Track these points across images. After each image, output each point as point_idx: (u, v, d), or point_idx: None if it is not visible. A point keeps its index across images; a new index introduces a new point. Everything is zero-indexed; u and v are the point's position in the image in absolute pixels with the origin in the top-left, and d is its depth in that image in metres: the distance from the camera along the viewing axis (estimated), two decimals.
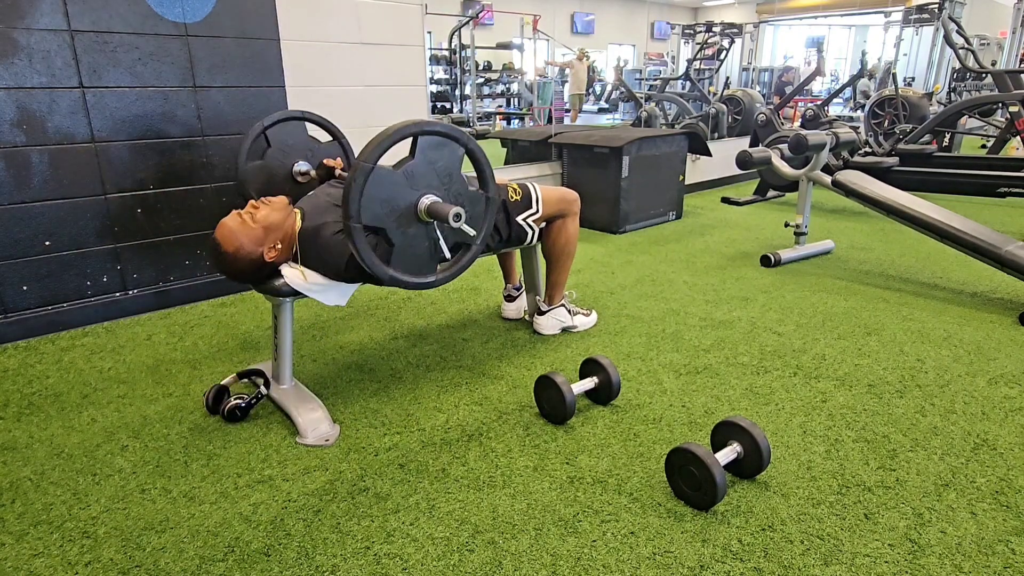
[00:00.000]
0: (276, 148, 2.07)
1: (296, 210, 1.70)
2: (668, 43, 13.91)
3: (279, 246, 1.63)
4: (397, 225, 1.43)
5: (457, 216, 1.39)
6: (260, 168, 2.05)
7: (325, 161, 2.04)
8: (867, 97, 7.31)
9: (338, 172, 2.00)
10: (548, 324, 2.25)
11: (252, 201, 1.66)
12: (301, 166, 2.10)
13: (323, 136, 2.22)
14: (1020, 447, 1.55)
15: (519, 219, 2.00)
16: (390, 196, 1.40)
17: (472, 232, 1.53)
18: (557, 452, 1.54)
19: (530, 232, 2.04)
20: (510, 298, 2.42)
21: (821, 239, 3.42)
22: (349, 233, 1.36)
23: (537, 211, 2.03)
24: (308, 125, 2.17)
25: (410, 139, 1.41)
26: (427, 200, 1.43)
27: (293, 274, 1.64)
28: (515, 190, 2.02)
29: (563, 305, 2.26)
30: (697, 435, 1.61)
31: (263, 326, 2.37)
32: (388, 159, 1.38)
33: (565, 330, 2.28)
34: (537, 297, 2.28)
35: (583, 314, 2.32)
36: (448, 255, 1.54)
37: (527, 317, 2.40)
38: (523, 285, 2.40)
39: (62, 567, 1.19)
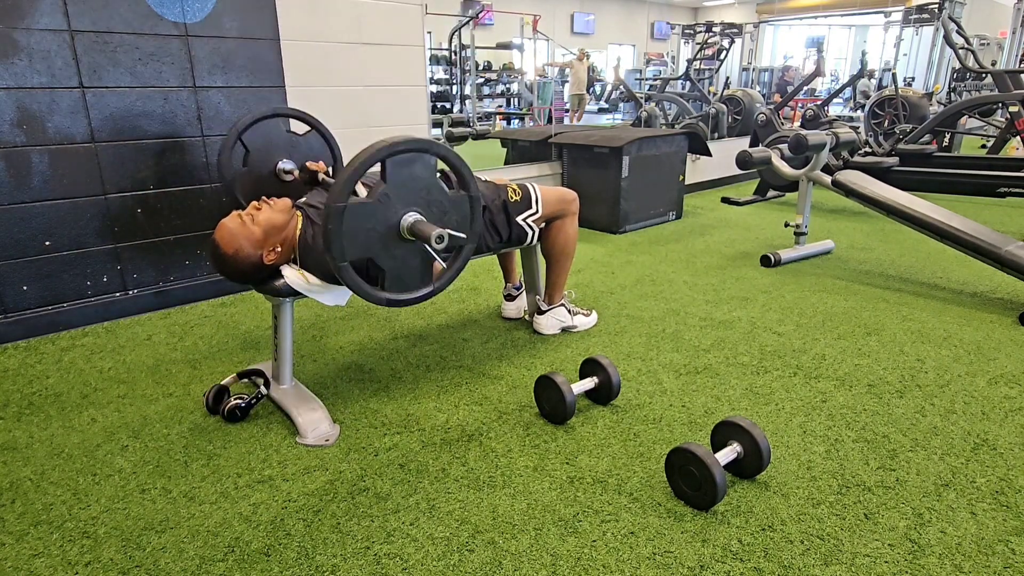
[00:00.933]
0: (256, 150, 2.05)
1: (297, 212, 1.70)
2: (668, 43, 13.91)
3: (279, 249, 1.62)
4: (384, 250, 1.42)
5: (440, 238, 1.37)
6: (246, 174, 2.04)
7: (308, 165, 2.00)
8: (867, 97, 7.31)
9: (321, 177, 1.96)
10: (548, 324, 2.26)
11: (254, 202, 1.65)
12: (285, 164, 2.09)
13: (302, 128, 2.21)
14: (1020, 447, 1.55)
15: (519, 219, 2.00)
16: (370, 226, 1.38)
17: (462, 235, 1.52)
18: (557, 452, 1.54)
19: (530, 232, 2.04)
20: (510, 298, 2.42)
21: (821, 239, 3.42)
22: (338, 272, 1.36)
23: (537, 211, 2.03)
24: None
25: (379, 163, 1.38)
26: (409, 219, 1.41)
27: (294, 275, 1.64)
28: (515, 190, 2.02)
29: (563, 305, 2.26)
30: (697, 435, 1.61)
31: (263, 326, 2.37)
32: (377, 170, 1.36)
33: (565, 330, 2.28)
34: (537, 297, 2.28)
35: (583, 314, 2.32)
36: (442, 263, 1.53)
37: (527, 317, 2.40)
38: (523, 285, 2.40)
39: (62, 567, 1.19)
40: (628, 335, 2.25)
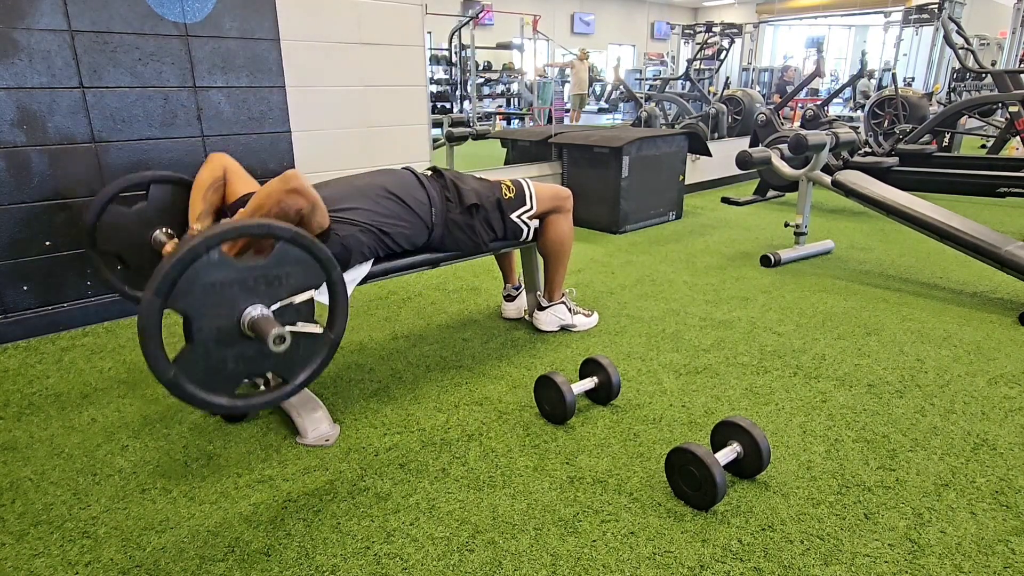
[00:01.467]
0: (138, 211, 1.82)
1: None
2: (668, 43, 13.92)
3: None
4: (207, 321, 1.16)
5: (279, 339, 1.15)
6: (115, 226, 1.80)
7: (165, 250, 1.79)
8: (867, 97, 7.31)
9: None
10: (547, 320, 2.26)
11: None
12: (160, 237, 1.85)
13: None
14: (1020, 447, 1.55)
15: (513, 216, 2.00)
16: (215, 285, 1.14)
17: (315, 330, 1.27)
18: (557, 452, 1.54)
19: (525, 229, 2.04)
20: (509, 298, 2.42)
21: (821, 239, 3.42)
22: (141, 306, 1.09)
23: (531, 207, 2.04)
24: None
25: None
26: (255, 312, 1.18)
27: None
28: (508, 187, 2.02)
29: (563, 302, 2.26)
30: (697, 435, 1.61)
31: None
32: None
33: (564, 328, 2.28)
34: (538, 293, 2.29)
35: (584, 314, 2.32)
36: (260, 385, 1.34)
37: (527, 317, 2.40)
38: (522, 285, 2.40)
39: (62, 567, 1.19)
40: (628, 335, 2.25)
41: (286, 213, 1.42)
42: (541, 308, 2.26)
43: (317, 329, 1.29)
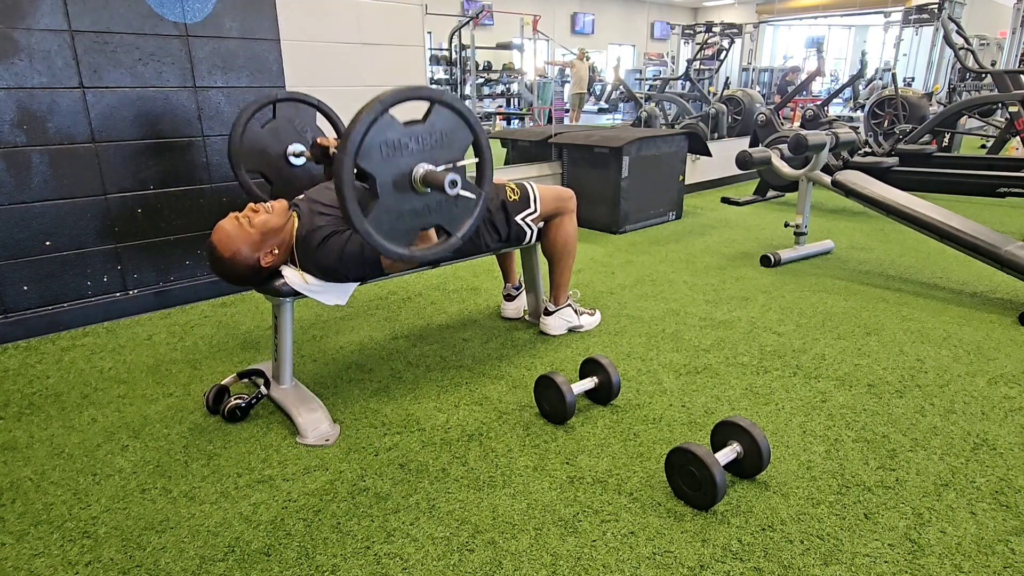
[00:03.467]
0: (262, 137, 2.08)
1: (294, 213, 1.70)
2: (668, 43, 13.93)
3: (276, 251, 1.63)
4: (387, 177, 1.35)
5: (453, 183, 1.34)
6: (254, 146, 2.06)
7: (318, 140, 1.97)
8: (867, 97, 7.31)
9: (332, 151, 1.92)
10: (555, 324, 2.25)
11: (251, 204, 1.65)
12: (294, 147, 2.11)
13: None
14: (1020, 447, 1.55)
15: (518, 219, 2.00)
16: (390, 145, 1.33)
17: (472, 195, 1.47)
18: (557, 452, 1.54)
19: (529, 231, 2.04)
20: (509, 298, 2.42)
21: (821, 239, 3.42)
22: (338, 163, 1.28)
23: (535, 210, 2.03)
24: (302, 108, 2.19)
25: (428, 104, 1.40)
26: (422, 168, 1.38)
27: (293, 275, 1.64)
28: (513, 189, 2.02)
29: (569, 305, 2.26)
30: (697, 435, 1.61)
31: (263, 326, 2.37)
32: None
33: (571, 330, 2.28)
34: (542, 297, 2.28)
35: (588, 314, 2.32)
36: (434, 238, 1.52)
37: (527, 317, 2.40)
38: (522, 285, 2.40)
39: (62, 567, 1.19)
40: (628, 335, 2.25)
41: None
42: (548, 313, 2.25)
43: (472, 194, 1.48)
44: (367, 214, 1.35)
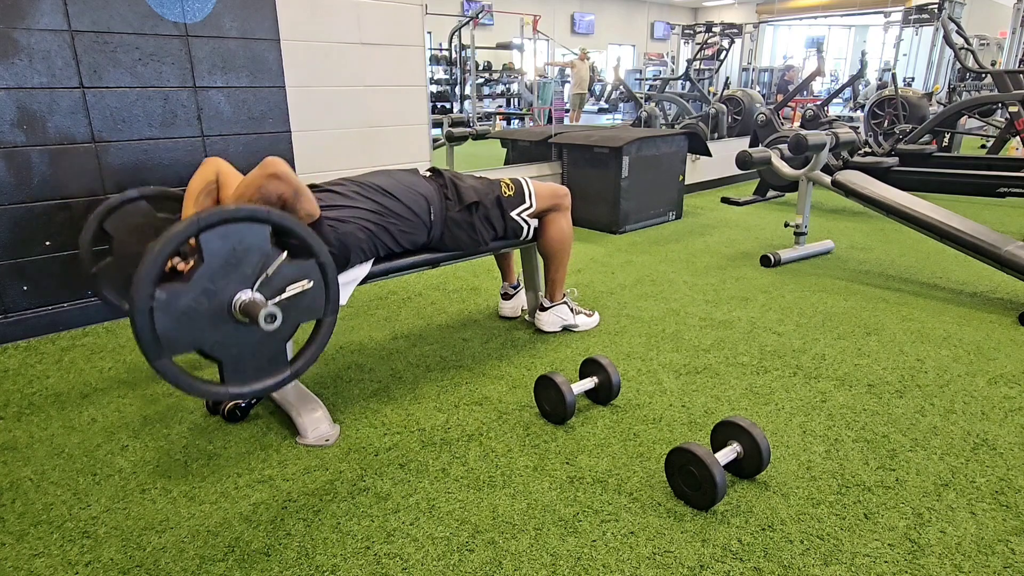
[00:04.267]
0: (122, 240, 1.80)
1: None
2: (668, 43, 13.92)
3: None
4: (214, 338, 1.21)
5: (270, 317, 1.19)
6: (112, 266, 1.80)
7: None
8: (867, 97, 7.31)
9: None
10: (550, 320, 2.26)
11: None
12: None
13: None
14: (1020, 447, 1.55)
15: (513, 214, 2.00)
16: (190, 312, 1.17)
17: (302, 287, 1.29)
18: (557, 452, 1.54)
19: (525, 227, 2.04)
20: (507, 296, 2.42)
21: (821, 239, 3.42)
22: (158, 372, 1.15)
23: (531, 205, 2.04)
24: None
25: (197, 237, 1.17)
26: (243, 297, 1.22)
27: None
28: (507, 185, 2.02)
29: (565, 302, 2.26)
30: (697, 435, 1.61)
31: None
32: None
33: (566, 328, 2.28)
34: (540, 294, 2.29)
35: (585, 314, 2.32)
36: (288, 353, 1.35)
37: (526, 316, 2.40)
38: (520, 283, 2.40)
39: (62, 567, 1.19)
40: (628, 335, 2.25)
41: (267, 199, 1.42)
42: (543, 309, 2.26)
43: (306, 285, 1.30)
44: (223, 380, 1.22)
